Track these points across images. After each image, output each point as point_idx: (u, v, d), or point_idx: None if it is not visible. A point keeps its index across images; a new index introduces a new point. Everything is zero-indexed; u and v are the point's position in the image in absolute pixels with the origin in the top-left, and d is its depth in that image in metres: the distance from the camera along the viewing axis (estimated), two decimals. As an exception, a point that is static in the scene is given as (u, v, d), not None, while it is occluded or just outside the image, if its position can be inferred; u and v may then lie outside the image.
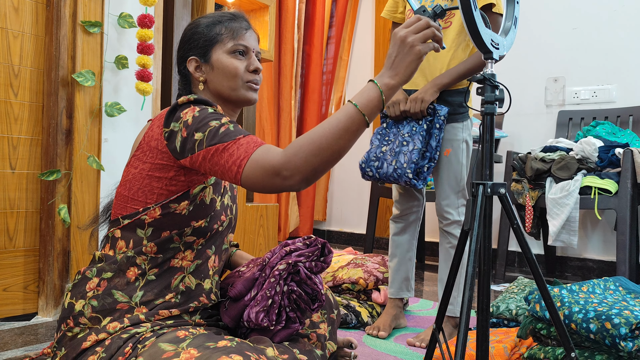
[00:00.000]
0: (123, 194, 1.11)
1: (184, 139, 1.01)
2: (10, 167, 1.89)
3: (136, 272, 1.07)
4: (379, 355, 1.63)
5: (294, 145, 0.94)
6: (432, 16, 1.07)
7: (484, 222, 1.05)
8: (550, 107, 3.32)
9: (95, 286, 1.06)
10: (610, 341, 1.17)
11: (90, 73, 1.95)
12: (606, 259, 3.08)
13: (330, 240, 4.33)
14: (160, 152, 1.06)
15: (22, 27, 1.91)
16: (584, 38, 3.21)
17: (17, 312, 1.91)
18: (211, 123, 1.00)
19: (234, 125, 1.00)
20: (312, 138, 0.94)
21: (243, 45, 1.18)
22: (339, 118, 0.95)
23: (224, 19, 1.20)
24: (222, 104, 1.20)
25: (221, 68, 1.17)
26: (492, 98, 1.07)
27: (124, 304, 1.05)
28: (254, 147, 0.96)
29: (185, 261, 1.11)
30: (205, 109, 1.03)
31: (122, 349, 0.98)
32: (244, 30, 1.20)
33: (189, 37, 1.20)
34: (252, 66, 1.19)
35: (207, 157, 0.98)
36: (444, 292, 1.17)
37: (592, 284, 1.42)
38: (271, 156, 0.94)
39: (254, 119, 2.81)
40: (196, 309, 1.13)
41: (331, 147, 0.94)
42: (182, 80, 1.23)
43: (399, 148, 1.76)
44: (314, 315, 1.24)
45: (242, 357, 0.92)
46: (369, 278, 2.07)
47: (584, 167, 2.63)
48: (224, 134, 0.98)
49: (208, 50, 1.17)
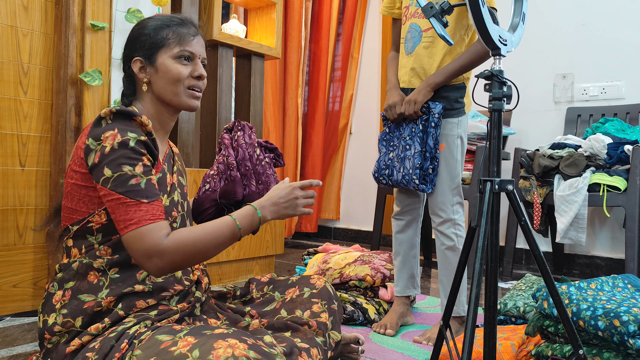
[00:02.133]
0: (67, 205, 1.12)
1: (95, 165, 1.04)
2: (20, 164, 1.90)
3: (97, 274, 1.08)
4: (386, 351, 1.63)
5: (177, 240, 1.02)
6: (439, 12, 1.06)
7: (492, 219, 1.04)
8: (558, 103, 3.30)
9: (61, 297, 1.08)
10: (619, 338, 1.16)
11: (97, 72, 1.96)
12: (615, 256, 3.06)
13: (337, 237, 4.33)
14: (82, 161, 1.07)
15: (31, 26, 1.92)
16: (593, 34, 3.18)
17: (27, 308, 1.93)
18: (124, 167, 1.02)
19: (146, 182, 1.04)
20: (195, 244, 1.04)
21: (189, 51, 1.19)
22: (224, 233, 1.08)
23: (172, 23, 1.20)
24: (162, 107, 1.21)
25: (165, 72, 1.17)
26: (500, 94, 1.07)
27: (90, 302, 1.06)
28: (148, 220, 1.01)
29: None
30: (127, 141, 1.03)
31: (117, 346, 0.99)
32: (191, 36, 1.20)
33: (136, 38, 1.20)
34: (196, 72, 1.20)
35: (107, 197, 1.02)
36: (451, 289, 1.17)
37: (600, 282, 1.42)
38: (155, 239, 1.01)
39: (261, 116, 2.81)
40: (172, 295, 1.15)
41: (206, 255, 1.07)
42: (126, 79, 1.23)
43: (403, 153, 1.76)
44: (314, 306, 1.25)
45: (238, 341, 0.93)
46: (376, 275, 2.07)
47: (592, 164, 2.61)
48: (132, 188, 1.02)
49: (154, 53, 1.18)
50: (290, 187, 1.20)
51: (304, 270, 2.39)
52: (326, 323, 1.23)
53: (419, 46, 1.77)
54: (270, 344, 1.00)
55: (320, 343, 1.17)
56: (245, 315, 1.28)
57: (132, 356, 0.95)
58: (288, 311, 1.25)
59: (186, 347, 0.92)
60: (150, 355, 0.92)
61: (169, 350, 0.92)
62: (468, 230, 1.11)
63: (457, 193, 1.78)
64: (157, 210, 1.03)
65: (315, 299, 1.27)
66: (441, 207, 1.77)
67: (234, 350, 0.90)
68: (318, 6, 4.12)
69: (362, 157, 4.23)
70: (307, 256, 2.48)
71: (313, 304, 1.26)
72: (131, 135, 1.04)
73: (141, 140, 1.06)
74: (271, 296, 1.33)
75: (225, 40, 2.53)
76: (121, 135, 1.04)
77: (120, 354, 0.97)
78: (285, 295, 1.31)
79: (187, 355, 0.90)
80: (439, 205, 1.77)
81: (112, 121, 1.06)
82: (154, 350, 0.93)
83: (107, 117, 1.06)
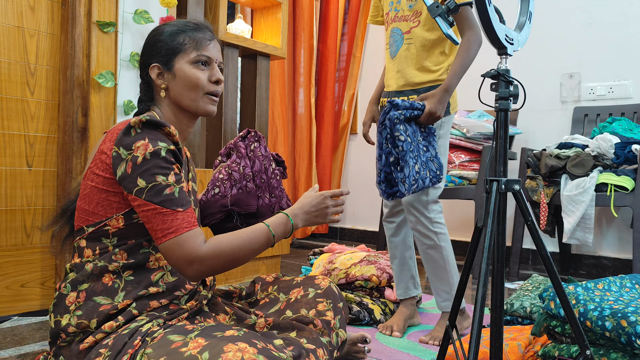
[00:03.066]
0: (83, 207, 1.11)
1: (126, 175, 1.04)
2: (27, 165, 1.91)
3: (111, 277, 1.09)
4: (392, 352, 1.63)
5: (216, 246, 1.06)
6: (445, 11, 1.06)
7: (498, 219, 1.04)
8: (565, 103, 3.29)
9: (75, 299, 1.08)
10: (626, 339, 1.16)
11: (110, 73, 1.97)
12: (622, 256, 3.04)
13: (343, 237, 4.33)
14: (108, 167, 1.07)
15: (38, 26, 1.93)
16: (600, 33, 3.17)
17: (35, 307, 1.94)
18: (158, 178, 1.03)
19: (179, 191, 1.05)
20: (233, 249, 1.08)
21: (206, 56, 1.19)
22: (259, 241, 1.13)
23: (187, 29, 1.20)
24: (180, 113, 1.21)
25: (183, 78, 1.18)
26: (507, 94, 1.06)
27: (106, 305, 1.07)
28: (186, 227, 1.03)
29: (161, 261, 1.13)
30: (159, 151, 1.04)
31: (130, 342, 1.00)
32: (207, 40, 1.20)
33: (152, 44, 1.20)
34: (214, 77, 1.20)
35: (141, 207, 1.03)
36: (457, 290, 1.16)
37: (607, 282, 1.41)
38: (195, 245, 1.03)
39: (267, 116, 2.82)
40: (183, 296, 1.16)
41: (242, 261, 1.11)
42: (143, 85, 1.23)
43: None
44: (319, 306, 1.25)
45: (248, 345, 0.93)
46: (382, 275, 2.07)
47: (599, 163, 2.60)
48: (167, 198, 1.03)
49: (171, 59, 1.18)
50: (322, 196, 1.25)
51: (309, 270, 2.39)
52: (331, 321, 1.23)
53: (401, 49, 1.79)
54: (280, 347, 1.01)
55: (326, 343, 1.17)
56: (251, 314, 1.29)
57: (144, 354, 0.96)
58: (293, 311, 1.25)
59: (196, 348, 0.92)
60: (161, 354, 0.93)
61: (179, 350, 0.93)
62: (474, 230, 1.11)
63: (433, 192, 1.76)
64: (192, 218, 1.05)
65: (320, 299, 1.27)
66: (415, 206, 1.75)
67: (243, 354, 0.90)
68: (325, 6, 4.12)
69: (367, 157, 4.23)
70: (312, 256, 2.48)
71: (318, 303, 1.26)
72: (162, 145, 1.05)
73: (170, 150, 1.07)
74: (276, 297, 1.33)
75: (230, 40, 2.54)
76: (152, 145, 1.04)
77: (133, 350, 0.98)
78: (290, 296, 1.31)
79: (197, 357, 0.90)
80: (413, 203, 1.76)
81: (141, 130, 1.06)
82: (165, 349, 0.94)
83: (137, 126, 1.06)
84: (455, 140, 2.99)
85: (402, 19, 1.79)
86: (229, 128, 2.62)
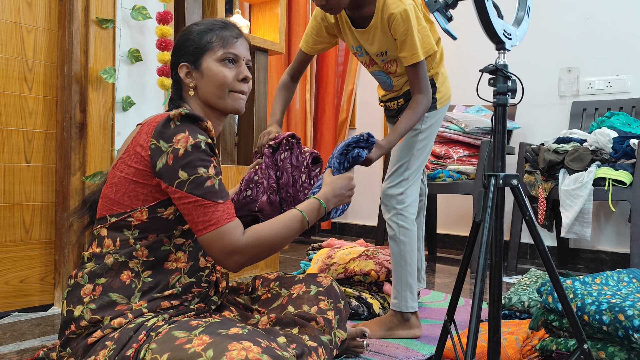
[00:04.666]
0: (109, 196, 1.12)
1: (167, 167, 1.04)
2: (26, 161, 1.91)
3: (130, 275, 1.09)
4: (390, 345, 1.63)
5: (255, 236, 1.10)
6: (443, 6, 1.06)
7: (496, 214, 1.04)
8: (563, 97, 3.29)
9: (91, 291, 1.08)
10: (623, 333, 1.16)
11: (112, 69, 1.97)
12: (620, 250, 3.05)
13: (342, 232, 4.34)
14: (143, 159, 1.08)
15: (35, 22, 1.93)
16: (598, 27, 3.16)
17: (34, 303, 1.94)
18: (199, 170, 1.05)
19: (219, 183, 1.07)
20: (271, 238, 1.12)
21: (233, 54, 1.20)
22: (294, 227, 1.17)
23: (215, 27, 1.21)
24: (209, 111, 1.22)
25: (210, 75, 1.19)
26: (505, 89, 1.06)
27: (122, 304, 1.08)
28: (226, 219, 1.06)
29: (179, 263, 1.14)
30: (199, 144, 1.05)
31: (135, 337, 1.00)
32: (234, 38, 1.21)
33: (181, 44, 1.22)
34: (241, 74, 1.21)
35: (182, 199, 1.05)
36: (456, 284, 1.17)
37: (605, 276, 1.41)
38: (235, 237, 1.06)
39: (265, 111, 2.81)
40: (194, 296, 1.17)
41: (279, 247, 1.15)
42: (174, 85, 1.25)
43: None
44: (321, 303, 1.25)
45: (252, 343, 0.94)
46: (381, 270, 2.07)
47: (597, 158, 2.60)
48: (208, 190, 1.05)
49: (199, 57, 1.19)
50: (349, 178, 1.29)
51: (308, 265, 2.39)
52: (332, 321, 1.23)
53: (394, 82, 1.78)
54: (283, 345, 1.01)
55: (327, 342, 1.18)
56: (254, 312, 1.29)
57: (148, 349, 0.96)
58: (295, 307, 1.25)
59: (201, 346, 0.93)
60: (165, 350, 0.94)
61: (183, 347, 0.93)
62: (472, 225, 1.11)
63: (405, 185, 1.73)
64: (231, 209, 1.08)
65: (322, 297, 1.27)
66: (387, 196, 1.75)
67: (247, 353, 0.91)
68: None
69: (366, 152, 4.23)
70: (311, 251, 2.48)
71: (320, 301, 1.26)
72: (202, 138, 1.06)
73: (209, 143, 1.08)
74: (277, 292, 1.34)
75: (229, 35, 2.53)
76: (193, 138, 1.05)
77: (138, 344, 0.99)
78: (292, 291, 1.31)
79: (200, 355, 0.91)
80: (387, 194, 1.75)
81: (180, 123, 1.06)
82: (169, 345, 0.95)
83: (176, 119, 1.06)
84: (453, 135, 2.99)
85: (375, 64, 1.76)
86: (227, 123, 2.62)
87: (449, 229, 3.77)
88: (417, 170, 1.76)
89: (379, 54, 1.70)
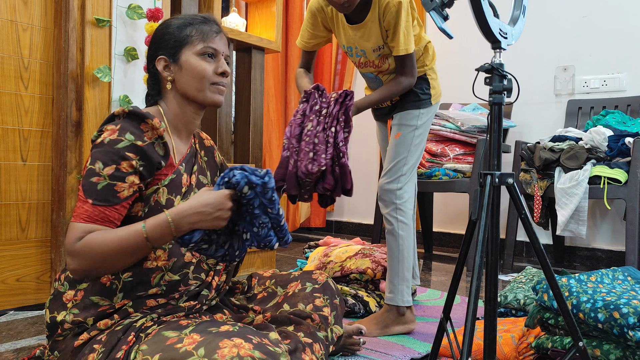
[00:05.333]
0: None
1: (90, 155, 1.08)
2: (22, 159, 1.91)
3: (110, 277, 1.09)
4: (386, 343, 1.64)
5: (86, 245, 1.00)
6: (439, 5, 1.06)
7: (492, 212, 1.05)
8: (559, 96, 3.30)
9: (72, 297, 1.08)
10: (618, 330, 1.17)
11: (107, 68, 1.96)
12: (615, 248, 3.06)
13: (339, 230, 4.34)
14: None
15: (31, 20, 1.92)
16: (594, 26, 3.17)
17: (30, 302, 1.94)
18: (96, 164, 1.04)
19: (105, 186, 1.03)
20: (103, 251, 1.00)
21: (212, 48, 1.20)
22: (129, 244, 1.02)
23: (195, 21, 1.21)
24: (187, 104, 1.22)
25: (189, 69, 1.19)
26: (500, 87, 1.07)
27: (105, 306, 1.08)
28: (82, 218, 1.02)
29: (159, 261, 1.13)
30: (117, 141, 1.05)
31: (124, 339, 1.00)
32: (214, 33, 1.22)
33: (160, 37, 1.22)
34: (220, 69, 1.21)
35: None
36: (452, 282, 1.17)
37: (600, 274, 1.42)
38: (72, 238, 1.01)
39: (261, 110, 2.81)
40: (181, 294, 1.16)
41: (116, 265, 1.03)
42: (151, 79, 1.24)
43: None
44: (316, 301, 1.25)
45: (243, 340, 0.93)
46: (377, 268, 2.08)
47: (593, 156, 2.61)
48: (89, 186, 1.04)
49: (178, 50, 1.19)
50: (223, 196, 1.03)
51: (305, 263, 2.40)
52: (328, 317, 1.23)
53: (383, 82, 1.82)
54: (275, 341, 1.01)
55: (323, 338, 1.18)
56: (249, 312, 1.29)
57: (139, 350, 0.95)
58: (291, 305, 1.25)
59: (192, 344, 0.92)
60: (156, 350, 0.93)
61: (174, 347, 0.93)
62: (469, 223, 1.11)
63: (404, 180, 1.75)
64: (97, 214, 1.03)
65: (318, 294, 1.27)
66: (385, 192, 1.76)
67: (239, 350, 0.90)
68: None
69: (362, 150, 4.23)
70: (308, 249, 2.49)
71: (315, 298, 1.26)
72: (127, 138, 1.06)
73: (136, 145, 1.06)
74: (273, 290, 1.34)
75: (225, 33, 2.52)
76: (117, 135, 1.06)
77: (127, 346, 0.98)
78: (288, 289, 1.31)
79: (192, 353, 0.90)
80: (385, 189, 1.76)
81: (121, 119, 1.08)
82: (160, 345, 0.94)
83: (120, 116, 1.08)
84: (449, 133, 2.99)
85: (369, 65, 1.79)
86: (224, 122, 2.62)
87: (445, 227, 3.77)
88: (414, 165, 1.78)
89: (375, 49, 1.72)
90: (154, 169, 1.11)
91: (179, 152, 1.21)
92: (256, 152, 2.78)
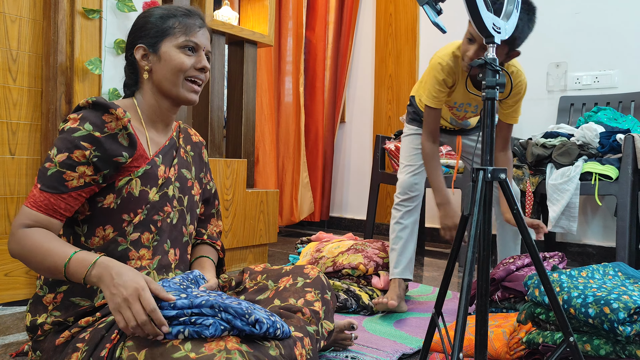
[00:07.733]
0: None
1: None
2: (10, 153, 1.88)
3: None
4: (379, 339, 1.64)
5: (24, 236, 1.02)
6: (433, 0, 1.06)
7: (484, 208, 1.05)
8: (551, 92, 3.31)
9: (52, 300, 1.08)
10: (609, 326, 1.17)
11: (98, 60, 1.94)
12: (606, 244, 3.08)
13: (331, 226, 4.33)
14: None
15: (19, 11, 1.89)
16: (586, 23, 3.18)
17: (19, 297, 1.92)
18: (52, 150, 1.06)
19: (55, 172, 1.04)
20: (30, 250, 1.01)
21: (194, 42, 1.18)
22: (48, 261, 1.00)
23: (178, 13, 1.20)
24: (161, 98, 1.20)
25: (168, 60, 1.17)
26: (493, 83, 1.06)
27: (86, 306, 1.07)
28: (30, 204, 1.04)
29: (144, 260, 1.12)
30: (75, 130, 1.05)
31: (108, 336, 0.98)
32: (197, 27, 1.20)
33: (141, 25, 1.20)
34: (199, 64, 1.19)
35: None
36: (444, 278, 1.17)
37: (591, 269, 1.43)
38: (18, 222, 1.03)
39: (254, 104, 2.80)
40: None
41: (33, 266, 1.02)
42: (128, 67, 1.23)
43: None
44: (307, 295, 1.25)
45: None
46: (369, 263, 2.07)
47: (584, 153, 2.62)
48: (42, 171, 1.05)
49: (158, 41, 1.18)
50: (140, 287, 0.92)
51: (297, 258, 2.39)
52: (319, 312, 1.23)
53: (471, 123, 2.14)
54: None
55: (312, 332, 1.17)
56: None
57: (124, 347, 0.94)
58: (282, 300, 1.25)
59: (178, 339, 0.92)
60: (142, 346, 0.92)
61: (161, 342, 0.92)
62: (461, 218, 1.11)
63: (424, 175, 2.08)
64: (42, 201, 1.04)
65: (309, 288, 1.27)
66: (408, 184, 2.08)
67: (226, 343, 0.90)
68: (313, -6, 4.08)
69: (356, 146, 4.23)
70: (300, 245, 2.48)
71: (306, 292, 1.26)
72: (85, 127, 1.05)
73: (93, 136, 1.06)
74: (265, 285, 1.33)
75: (217, 27, 2.51)
76: (78, 124, 1.06)
77: (112, 344, 0.97)
78: (279, 284, 1.31)
79: (179, 348, 0.89)
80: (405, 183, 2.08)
81: (85, 109, 1.08)
82: (147, 342, 0.93)
83: (85, 107, 1.09)
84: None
85: (462, 117, 2.08)
86: (216, 116, 2.60)
87: (438, 223, 3.78)
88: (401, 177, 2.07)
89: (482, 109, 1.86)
90: (112, 161, 1.08)
91: (154, 143, 1.20)
92: (248, 146, 2.76)
